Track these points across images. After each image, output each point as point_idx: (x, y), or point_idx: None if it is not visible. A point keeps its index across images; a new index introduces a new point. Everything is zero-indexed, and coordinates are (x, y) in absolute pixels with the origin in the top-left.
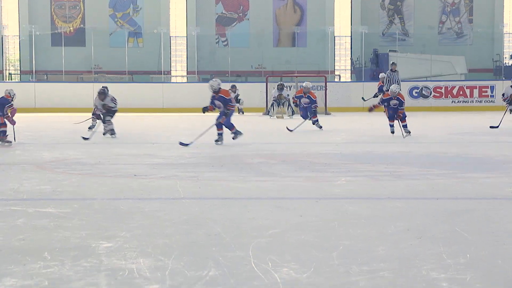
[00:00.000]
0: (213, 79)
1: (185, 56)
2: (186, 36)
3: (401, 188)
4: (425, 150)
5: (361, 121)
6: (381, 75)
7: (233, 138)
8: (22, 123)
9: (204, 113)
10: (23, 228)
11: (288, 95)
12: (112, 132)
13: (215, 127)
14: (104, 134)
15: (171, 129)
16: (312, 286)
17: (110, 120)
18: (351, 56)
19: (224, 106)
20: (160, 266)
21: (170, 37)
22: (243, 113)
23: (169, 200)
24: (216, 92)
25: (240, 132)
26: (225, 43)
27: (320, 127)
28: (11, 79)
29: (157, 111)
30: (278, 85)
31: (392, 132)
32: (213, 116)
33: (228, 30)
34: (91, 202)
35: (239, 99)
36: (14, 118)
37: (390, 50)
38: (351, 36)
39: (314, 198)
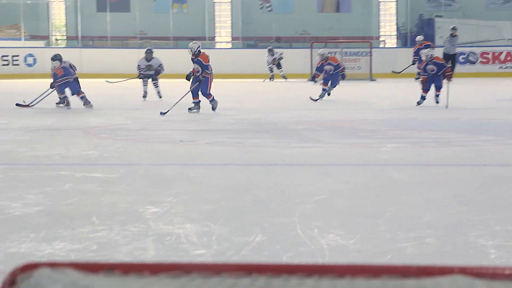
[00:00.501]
0: (193, 42)
1: (230, 22)
2: (231, 2)
3: (447, 155)
4: (471, 116)
5: (406, 88)
6: (418, 38)
7: (212, 109)
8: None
9: (188, 80)
10: (71, 192)
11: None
12: (159, 95)
13: (191, 95)
14: (144, 97)
15: (216, 95)
16: (359, 252)
17: (157, 82)
18: (396, 22)
19: (201, 71)
20: (207, 231)
21: (214, 2)
22: (285, 78)
23: (214, 166)
24: (196, 55)
25: (216, 101)
26: (269, 8)
27: (329, 94)
28: (57, 45)
29: None
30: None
31: (419, 103)
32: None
33: None
34: (137, 167)
35: (280, 63)
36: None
37: (436, 15)
38: (396, 1)
39: (360, 165)
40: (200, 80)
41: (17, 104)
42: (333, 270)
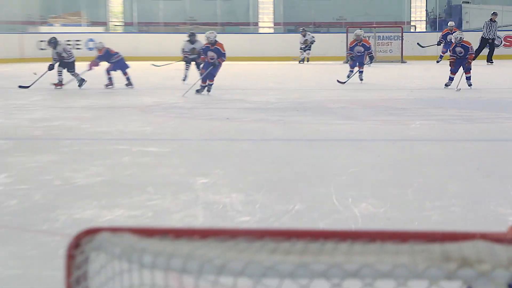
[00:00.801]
0: (210, 31)
1: (272, 9)
2: None
3: (472, 131)
4: (495, 95)
5: (434, 69)
6: (450, 23)
7: (208, 91)
8: (130, 68)
9: (199, 69)
10: (129, 165)
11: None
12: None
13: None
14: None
15: (259, 76)
16: (389, 220)
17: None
18: (426, 8)
19: (217, 57)
20: (251, 200)
21: None
22: (308, 61)
23: (258, 141)
24: (212, 43)
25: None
26: None
27: (361, 79)
28: (114, 30)
29: (246, 60)
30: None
31: (446, 85)
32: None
33: None
34: (188, 142)
35: (310, 46)
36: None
37: (463, 2)
38: None
39: (391, 140)
40: (215, 65)
41: (19, 86)
42: (365, 236)
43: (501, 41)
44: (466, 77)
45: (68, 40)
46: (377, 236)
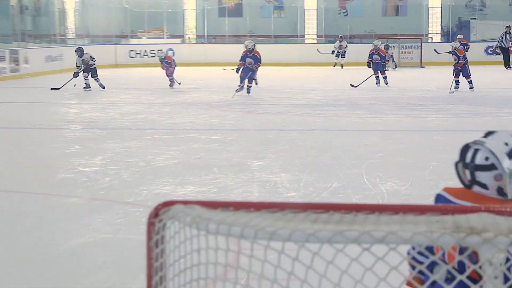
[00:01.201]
0: (248, 41)
1: (315, 24)
2: (316, 9)
3: (477, 123)
4: (497, 94)
5: (448, 72)
6: (459, 36)
7: (247, 92)
8: (197, 73)
9: (238, 72)
10: (199, 150)
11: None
12: (255, 81)
13: (239, 80)
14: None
15: (304, 79)
16: (409, 196)
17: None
18: (441, 23)
19: (254, 63)
20: (297, 179)
21: (304, 9)
22: (342, 67)
23: (303, 131)
24: (250, 51)
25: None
26: (345, 13)
27: (386, 83)
28: (189, 42)
29: (293, 65)
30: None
31: (453, 90)
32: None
33: (347, 3)
34: (246, 132)
35: (344, 54)
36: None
37: (471, 18)
38: (441, 7)
39: (412, 130)
40: (253, 70)
41: (51, 88)
42: (390, 209)
43: None
44: (468, 81)
45: (152, 50)
46: (400, 209)
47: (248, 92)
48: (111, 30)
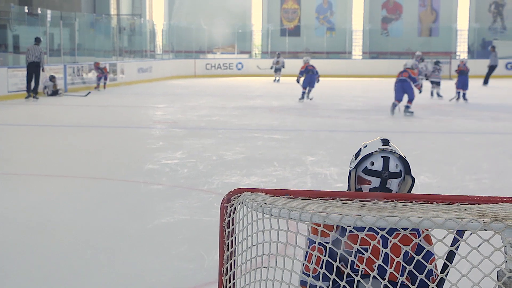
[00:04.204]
0: (306, 57)
1: (361, 42)
2: (363, 30)
3: (498, 126)
4: None
5: (472, 83)
6: (417, 53)
7: (310, 98)
8: (261, 82)
9: (298, 82)
10: (261, 146)
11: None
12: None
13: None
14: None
15: (351, 88)
16: (439, 187)
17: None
18: (467, 42)
19: (315, 75)
20: (344, 172)
21: (352, 30)
22: (278, 81)
23: (350, 132)
24: (307, 64)
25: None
26: (386, 34)
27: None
28: (255, 57)
29: (342, 77)
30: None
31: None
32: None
33: (389, 25)
34: (302, 132)
35: (281, 68)
36: None
37: (494, 39)
38: (468, 30)
39: (442, 132)
40: (315, 80)
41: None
42: (425, 198)
43: None
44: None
45: (225, 63)
46: (433, 199)
47: (310, 98)
48: (192, 46)
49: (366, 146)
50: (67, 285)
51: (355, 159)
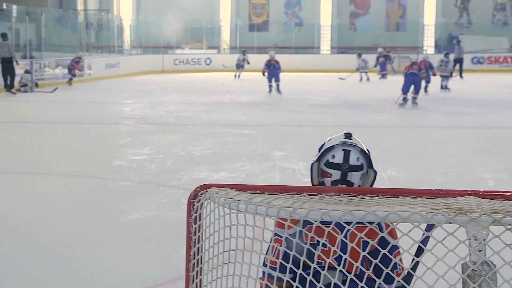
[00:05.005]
0: (272, 51)
1: (329, 37)
2: (331, 25)
3: (465, 121)
4: (480, 97)
5: (438, 78)
6: (379, 49)
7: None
8: (230, 78)
9: (263, 75)
10: (230, 142)
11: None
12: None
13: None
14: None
15: (319, 83)
16: (406, 181)
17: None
18: (434, 37)
19: (278, 69)
20: None
21: (320, 25)
22: (239, 77)
23: (318, 127)
24: (271, 59)
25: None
26: (355, 29)
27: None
28: (224, 52)
29: (311, 72)
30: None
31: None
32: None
33: (356, 20)
34: (270, 127)
35: (244, 65)
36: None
37: (459, 33)
38: (435, 24)
39: (410, 127)
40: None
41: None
42: (391, 192)
43: (485, 60)
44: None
45: (193, 59)
46: (399, 193)
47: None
48: (160, 42)
49: (329, 140)
50: (31, 283)
51: (318, 153)
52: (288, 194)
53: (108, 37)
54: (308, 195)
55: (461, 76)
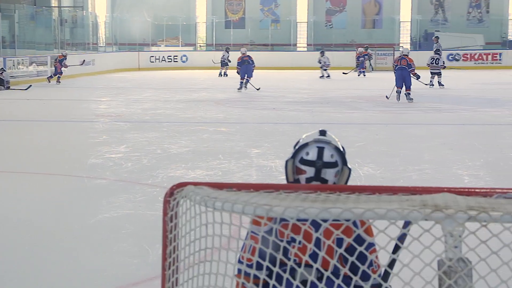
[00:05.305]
0: (243, 48)
1: (306, 34)
2: (307, 22)
3: (440, 118)
4: (455, 93)
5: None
6: (360, 49)
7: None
8: (206, 76)
9: (238, 73)
10: (207, 139)
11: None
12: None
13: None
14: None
15: (296, 80)
16: (383, 178)
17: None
18: (410, 34)
19: (251, 65)
20: None
21: (297, 22)
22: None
23: (295, 124)
24: (243, 55)
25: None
26: (331, 25)
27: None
28: (200, 49)
29: (287, 69)
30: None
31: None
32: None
33: (332, 18)
34: (247, 124)
35: (228, 62)
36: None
37: (435, 30)
38: (410, 22)
39: (386, 124)
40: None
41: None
42: (367, 190)
43: (460, 56)
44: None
45: (169, 56)
46: (375, 190)
47: (245, 87)
48: (135, 39)
49: (304, 137)
50: (1, 282)
51: (293, 150)
52: (265, 192)
53: (83, 34)
54: (284, 192)
55: (443, 67)
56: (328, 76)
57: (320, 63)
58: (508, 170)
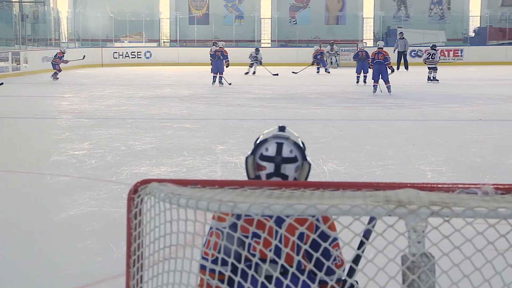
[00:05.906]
0: (221, 43)
1: (270, 30)
2: (271, 18)
3: (403, 113)
4: (418, 90)
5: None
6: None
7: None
8: (170, 72)
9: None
10: (171, 136)
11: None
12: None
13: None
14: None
15: (260, 76)
16: (347, 174)
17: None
18: (373, 30)
19: (224, 59)
20: None
21: (261, 19)
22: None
23: (259, 120)
24: (216, 49)
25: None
26: (295, 22)
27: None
28: (164, 45)
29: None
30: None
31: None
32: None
33: (296, 14)
34: (211, 121)
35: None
36: None
37: (398, 27)
38: (373, 18)
39: (349, 120)
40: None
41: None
42: (332, 185)
43: (423, 53)
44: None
45: (133, 52)
46: (340, 186)
47: (220, 82)
48: (98, 35)
49: (264, 133)
50: None
51: (253, 146)
52: (229, 188)
53: (45, 30)
54: (249, 189)
55: (406, 68)
56: (254, 72)
57: (251, 59)
58: (470, 166)
